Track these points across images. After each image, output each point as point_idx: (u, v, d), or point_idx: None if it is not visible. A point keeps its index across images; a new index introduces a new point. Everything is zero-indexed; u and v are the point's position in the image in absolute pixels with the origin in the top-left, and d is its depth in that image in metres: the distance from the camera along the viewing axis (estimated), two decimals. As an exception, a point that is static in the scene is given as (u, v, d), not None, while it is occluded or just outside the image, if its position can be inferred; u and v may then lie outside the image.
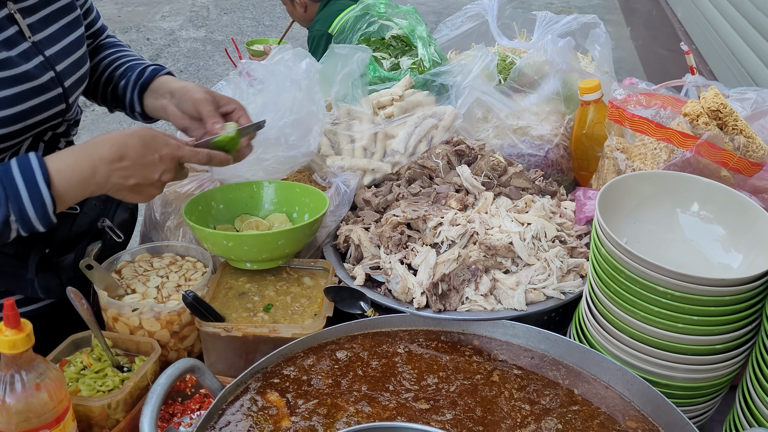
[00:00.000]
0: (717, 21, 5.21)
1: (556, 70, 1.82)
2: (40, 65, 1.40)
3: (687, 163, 1.45)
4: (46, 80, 1.41)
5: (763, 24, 4.25)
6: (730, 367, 1.25)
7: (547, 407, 1.24)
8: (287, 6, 4.09)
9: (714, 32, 5.25)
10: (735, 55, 4.70)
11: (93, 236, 1.58)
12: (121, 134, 1.31)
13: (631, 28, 8.52)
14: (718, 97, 1.52)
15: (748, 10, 4.56)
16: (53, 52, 1.44)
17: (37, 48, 1.41)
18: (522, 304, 1.40)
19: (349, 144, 1.74)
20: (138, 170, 1.30)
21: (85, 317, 1.33)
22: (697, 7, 5.85)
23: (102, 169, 1.28)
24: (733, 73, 4.66)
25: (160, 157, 1.31)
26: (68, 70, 1.48)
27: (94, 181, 1.28)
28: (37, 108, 1.40)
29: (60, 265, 1.52)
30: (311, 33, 3.82)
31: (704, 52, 5.41)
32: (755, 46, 4.35)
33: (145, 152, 1.30)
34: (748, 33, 4.51)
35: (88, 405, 1.26)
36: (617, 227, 1.32)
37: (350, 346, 1.34)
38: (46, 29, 1.45)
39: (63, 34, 1.48)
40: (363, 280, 1.48)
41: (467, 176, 1.58)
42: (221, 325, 1.36)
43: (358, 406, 1.22)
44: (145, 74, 1.63)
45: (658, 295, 1.17)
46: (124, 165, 1.29)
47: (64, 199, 1.28)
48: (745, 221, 1.26)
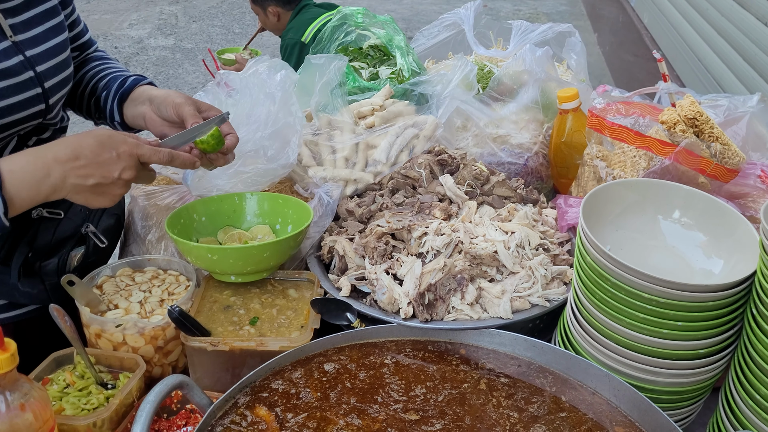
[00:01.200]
0: (683, 27, 5.32)
1: (534, 79, 1.84)
2: (19, 64, 1.40)
3: (666, 170, 1.48)
4: (25, 78, 1.41)
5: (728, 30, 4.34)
6: (714, 370, 1.27)
7: (535, 414, 1.25)
8: (260, 15, 4.10)
9: (680, 38, 5.36)
10: (701, 60, 4.79)
11: (76, 242, 1.56)
12: (76, 135, 1.30)
13: (598, 34, 8.65)
14: (694, 105, 1.55)
15: (713, 16, 4.66)
16: (35, 53, 1.44)
17: (17, 47, 1.41)
18: (508, 312, 1.41)
19: (330, 154, 1.74)
20: (95, 169, 1.27)
21: (68, 335, 1.31)
22: (663, 14, 5.96)
23: (56, 170, 1.25)
24: (700, 79, 4.75)
25: (117, 155, 1.28)
26: (50, 71, 1.47)
27: (48, 183, 1.25)
28: (15, 106, 1.40)
29: (43, 270, 1.50)
30: (284, 41, 3.83)
31: (671, 58, 5.52)
32: (720, 53, 4.44)
33: (101, 150, 1.28)
34: (713, 39, 4.61)
35: (73, 424, 1.24)
36: (601, 235, 1.33)
37: (338, 358, 1.34)
38: (29, 31, 1.45)
39: (46, 36, 1.47)
40: (349, 291, 1.48)
41: (450, 185, 1.59)
42: (207, 339, 1.35)
43: (347, 418, 1.22)
44: (126, 84, 1.62)
45: (643, 302, 1.19)
46: (80, 164, 1.26)
47: (15, 202, 1.24)
48: (726, 227, 1.29)
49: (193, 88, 6.87)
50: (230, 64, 4.19)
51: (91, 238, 1.56)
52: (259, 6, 4.04)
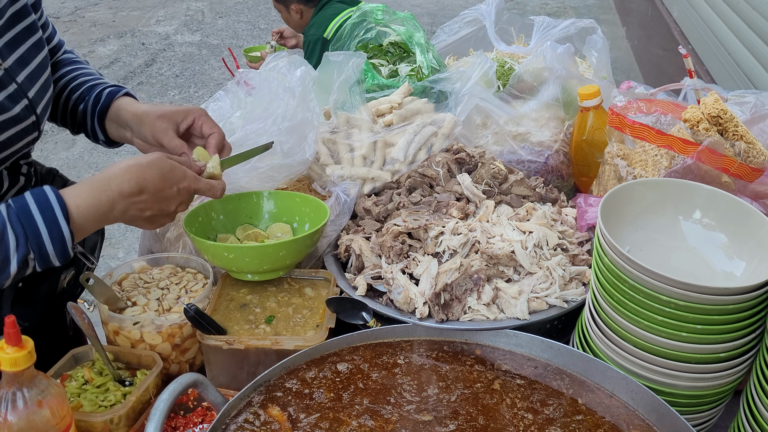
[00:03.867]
0: (713, 21, 5.22)
1: (555, 77, 1.82)
2: (14, 94, 1.35)
3: (688, 169, 1.45)
4: (20, 110, 1.36)
5: (760, 25, 4.25)
6: (735, 374, 1.25)
7: (551, 417, 1.24)
8: (282, 13, 4.11)
9: (710, 33, 5.26)
10: (731, 55, 4.70)
11: (65, 264, 1.55)
12: (139, 166, 1.29)
13: (627, 28, 8.53)
14: (718, 102, 1.51)
15: (744, 10, 4.56)
16: (24, 77, 1.38)
17: (9, 75, 1.35)
18: (525, 313, 1.39)
19: (348, 153, 1.73)
20: (156, 203, 1.30)
21: (87, 332, 1.32)
22: (693, 8, 5.86)
23: (120, 204, 1.27)
24: (730, 74, 4.66)
25: (178, 191, 1.31)
26: (38, 95, 1.42)
27: (112, 216, 1.28)
28: (14, 138, 1.37)
29: (34, 297, 1.49)
30: (306, 38, 3.84)
31: (701, 52, 5.42)
32: (752, 47, 4.35)
33: (164, 186, 1.30)
34: (744, 34, 4.51)
35: (91, 421, 1.26)
36: (620, 235, 1.31)
37: (351, 357, 1.33)
38: (14, 52, 1.38)
39: (30, 55, 1.41)
40: (365, 290, 1.47)
41: (468, 184, 1.58)
42: (223, 337, 1.36)
43: (360, 420, 1.21)
44: (102, 99, 1.56)
45: (662, 304, 1.17)
46: (143, 198, 1.28)
47: (81, 234, 1.27)
48: (748, 229, 1.26)
49: (218, 84, 6.92)
50: (256, 61, 4.21)
51: (79, 258, 1.53)
52: (282, 4, 4.05)
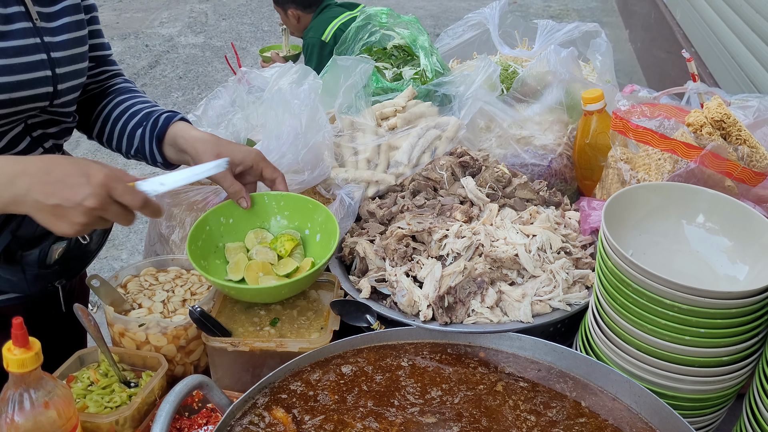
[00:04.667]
0: (716, 24, 5.22)
1: (558, 80, 1.82)
2: (33, 45, 1.42)
3: (691, 173, 1.45)
4: (36, 59, 1.42)
5: (763, 27, 4.25)
6: (737, 378, 1.25)
7: (554, 419, 1.25)
8: (281, 16, 4.16)
9: (713, 36, 5.26)
10: (735, 58, 4.70)
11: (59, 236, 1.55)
12: (58, 155, 1.29)
13: (630, 31, 8.53)
14: (721, 107, 1.52)
15: (747, 13, 4.56)
16: (53, 41, 1.46)
17: (37, 31, 1.43)
18: (528, 316, 1.40)
19: (352, 156, 1.74)
20: (60, 189, 1.20)
21: (92, 333, 1.33)
22: (696, 11, 5.86)
23: (22, 181, 1.20)
24: (734, 78, 4.66)
25: (88, 181, 1.21)
26: (63, 60, 1.48)
27: (10, 191, 1.20)
28: (24, 83, 1.39)
29: (24, 259, 1.49)
30: (305, 41, 3.87)
31: (704, 56, 5.42)
32: (755, 50, 4.35)
33: (73, 172, 1.21)
34: (747, 37, 4.52)
35: (96, 422, 1.27)
36: (623, 239, 1.32)
37: (355, 360, 1.34)
38: (53, 22, 1.47)
39: (67, 28, 1.50)
40: (369, 292, 1.48)
41: (472, 188, 1.59)
42: (228, 339, 1.37)
43: (365, 422, 1.22)
44: (159, 124, 1.60)
45: (665, 308, 1.17)
46: (46, 180, 1.20)
47: None
48: (751, 233, 1.26)
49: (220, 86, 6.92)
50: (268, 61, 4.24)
51: None
52: (280, 7, 4.09)
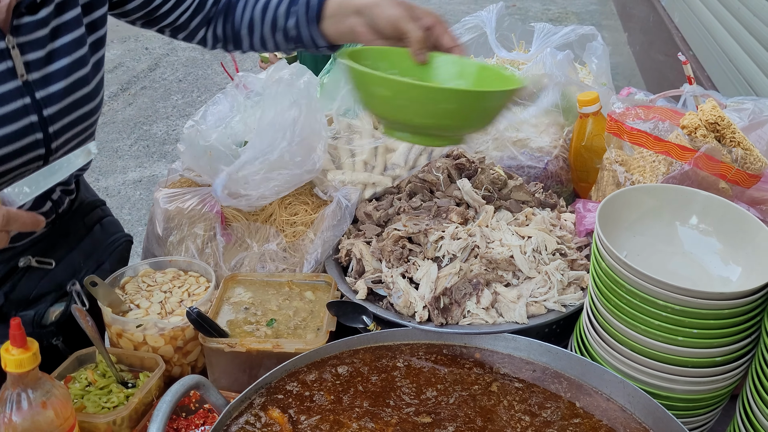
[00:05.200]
0: (714, 27, 5.24)
1: (554, 83, 1.83)
2: (21, 109, 1.31)
3: (686, 175, 1.46)
4: (25, 124, 1.31)
5: (760, 30, 4.27)
6: (730, 378, 1.26)
7: (549, 419, 1.25)
8: None
9: (711, 39, 5.28)
10: (732, 62, 4.71)
11: (59, 296, 1.52)
12: None
13: (629, 34, 8.55)
14: (715, 109, 1.53)
15: (744, 16, 4.58)
16: (47, 93, 1.34)
17: (28, 88, 1.31)
18: (523, 317, 1.41)
19: (349, 158, 1.75)
20: None
21: (90, 334, 1.34)
22: (694, 14, 5.88)
23: None
24: (731, 81, 4.68)
25: None
26: (59, 113, 1.38)
27: None
28: (11, 154, 1.32)
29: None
30: None
31: (702, 59, 5.43)
32: (753, 54, 4.37)
33: None
34: (745, 40, 4.53)
35: (94, 422, 1.27)
36: (617, 240, 1.33)
37: (351, 360, 1.35)
38: (47, 67, 1.34)
39: (68, 71, 1.38)
40: (365, 294, 1.49)
41: (468, 190, 1.60)
42: (225, 340, 1.37)
43: (361, 422, 1.23)
44: (311, 4, 1.50)
45: (658, 309, 1.18)
46: None
47: None
48: (744, 234, 1.27)
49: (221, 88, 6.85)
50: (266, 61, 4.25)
51: (74, 297, 1.47)
52: None
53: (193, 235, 1.63)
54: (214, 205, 1.64)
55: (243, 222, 1.66)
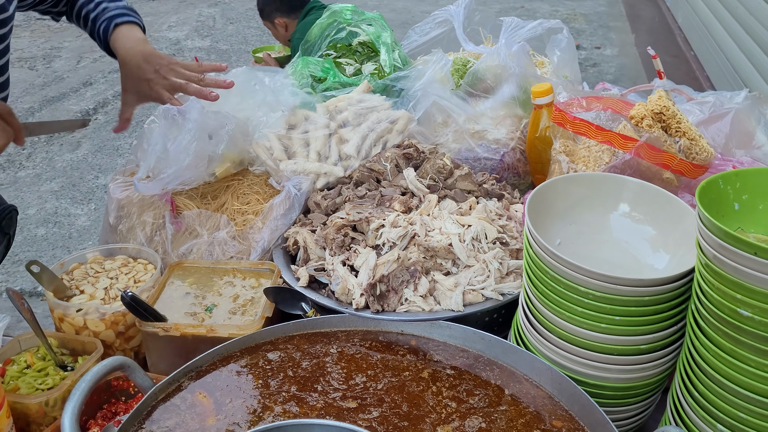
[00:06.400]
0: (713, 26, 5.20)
1: (510, 75, 1.83)
2: None
3: (627, 164, 1.46)
4: None
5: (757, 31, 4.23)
6: (658, 367, 1.25)
7: (475, 406, 1.25)
8: (272, 30, 4.22)
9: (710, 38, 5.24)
10: (730, 61, 4.68)
11: None
12: None
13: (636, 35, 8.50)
14: (661, 99, 1.52)
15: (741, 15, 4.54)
16: None
17: None
18: (459, 305, 1.40)
19: (303, 148, 1.76)
20: None
21: (25, 317, 1.36)
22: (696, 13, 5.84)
23: None
24: (728, 80, 4.64)
25: None
26: None
27: None
28: None
29: None
30: (293, 43, 3.92)
31: (702, 58, 5.40)
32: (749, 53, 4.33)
33: None
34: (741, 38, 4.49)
35: (25, 402, 1.29)
36: (551, 229, 1.32)
37: (285, 346, 1.35)
38: None
39: None
40: (307, 281, 1.49)
41: (412, 179, 1.60)
42: (160, 324, 1.39)
43: (285, 406, 1.23)
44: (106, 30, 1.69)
45: (581, 296, 1.18)
46: None
47: None
48: (673, 220, 1.27)
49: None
50: (259, 61, 4.29)
51: None
52: (267, 20, 4.15)
53: (142, 223, 1.64)
54: (164, 194, 1.66)
55: (194, 210, 1.67)
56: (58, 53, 8.02)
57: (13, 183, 5.23)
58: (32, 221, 4.75)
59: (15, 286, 4.09)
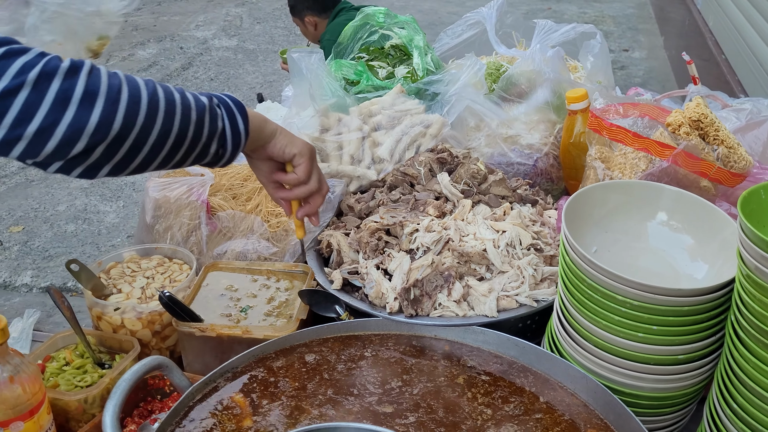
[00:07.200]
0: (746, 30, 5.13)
1: (544, 80, 1.83)
2: None
3: (664, 172, 1.44)
4: None
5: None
6: (695, 377, 1.24)
7: (510, 413, 1.25)
8: (300, 27, 4.25)
9: (743, 42, 5.16)
10: (762, 65, 4.61)
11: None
12: None
13: (665, 38, 8.41)
14: (699, 107, 1.51)
15: (775, 19, 4.48)
16: None
17: None
18: (493, 310, 1.40)
19: (336, 151, 1.77)
20: None
21: (66, 315, 1.38)
22: (728, 17, 5.76)
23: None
24: (761, 84, 4.57)
25: None
26: None
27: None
28: None
29: None
30: (322, 44, 3.94)
31: (734, 62, 5.32)
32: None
33: None
34: (775, 43, 4.43)
35: (65, 399, 1.31)
36: (587, 236, 1.32)
37: (319, 349, 1.36)
38: None
39: None
40: (340, 284, 1.50)
41: (446, 183, 1.60)
42: (196, 325, 1.40)
43: (322, 409, 1.24)
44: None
45: (618, 304, 1.17)
46: None
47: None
48: (712, 230, 1.26)
49: (251, 88, 7.04)
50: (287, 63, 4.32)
51: None
52: (297, 17, 4.18)
53: (178, 223, 1.67)
54: (200, 194, 1.67)
55: (229, 211, 1.69)
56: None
57: (43, 179, 5.31)
58: (62, 218, 4.82)
59: (44, 282, 4.16)
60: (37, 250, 4.47)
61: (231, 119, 1.25)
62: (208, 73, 7.48)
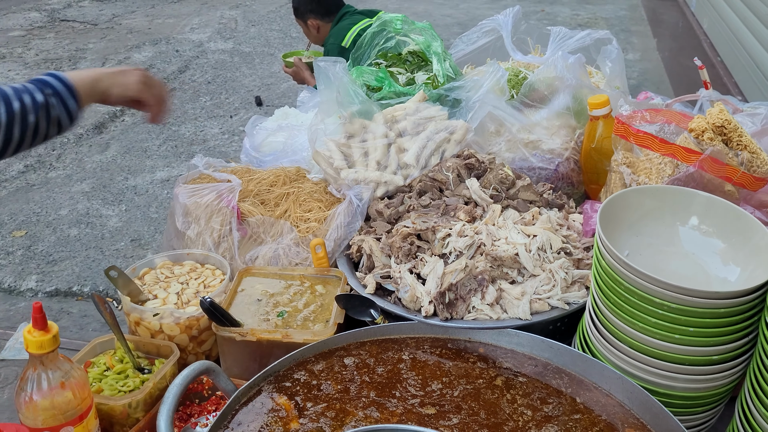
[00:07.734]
0: (741, 33, 5.19)
1: (565, 86, 1.86)
2: None
3: (690, 177, 1.48)
4: None
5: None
6: (729, 377, 1.28)
7: (550, 414, 1.28)
8: (303, 28, 4.28)
9: (739, 45, 5.23)
10: (759, 68, 4.67)
11: None
12: None
13: (658, 40, 8.48)
14: (722, 113, 1.55)
15: (772, 22, 4.54)
16: None
17: None
18: (526, 313, 1.44)
19: (362, 157, 1.80)
20: None
21: (108, 321, 1.40)
22: (722, 19, 5.83)
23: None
24: (758, 87, 4.63)
25: None
26: None
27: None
28: None
29: None
30: (326, 47, 3.97)
31: (729, 65, 5.39)
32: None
33: None
34: (772, 46, 4.49)
35: (110, 404, 1.33)
36: (619, 240, 1.35)
37: (357, 352, 1.39)
38: None
39: None
40: (374, 288, 1.53)
41: (476, 189, 1.63)
42: (236, 330, 1.43)
43: (366, 411, 1.27)
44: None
45: (655, 307, 1.21)
46: None
47: None
48: (744, 235, 1.29)
49: (249, 91, 7.05)
50: (290, 66, 4.33)
51: None
52: (301, 19, 4.21)
53: (210, 229, 1.69)
54: (230, 200, 1.70)
55: (258, 217, 1.71)
56: (83, 54, 8.10)
57: (44, 183, 5.31)
58: (65, 222, 4.82)
59: (50, 286, 4.16)
60: (40, 255, 4.47)
61: (63, 104, 1.41)
62: (204, 76, 7.49)
